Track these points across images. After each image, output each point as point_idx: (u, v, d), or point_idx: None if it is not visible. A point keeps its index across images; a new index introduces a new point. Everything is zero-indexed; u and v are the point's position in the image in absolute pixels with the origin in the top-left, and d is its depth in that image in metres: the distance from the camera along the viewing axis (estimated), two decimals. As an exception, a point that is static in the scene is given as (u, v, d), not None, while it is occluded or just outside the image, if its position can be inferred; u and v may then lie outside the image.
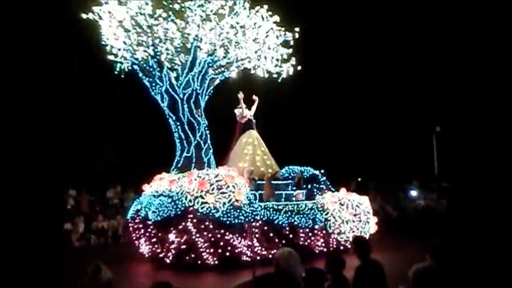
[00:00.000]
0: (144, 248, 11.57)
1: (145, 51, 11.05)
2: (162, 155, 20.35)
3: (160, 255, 10.71)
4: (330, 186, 13.26)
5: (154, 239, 10.86)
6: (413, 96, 24.72)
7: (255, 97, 13.22)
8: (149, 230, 10.93)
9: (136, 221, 11.51)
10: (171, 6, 10.61)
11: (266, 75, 13.56)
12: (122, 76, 12.11)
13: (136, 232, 11.71)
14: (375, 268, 4.97)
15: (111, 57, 11.90)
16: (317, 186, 13.15)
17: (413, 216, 18.36)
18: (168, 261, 10.49)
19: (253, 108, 13.19)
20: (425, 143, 26.33)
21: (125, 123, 20.81)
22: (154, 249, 11.01)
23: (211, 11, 10.80)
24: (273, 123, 17.82)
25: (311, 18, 15.40)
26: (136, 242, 11.99)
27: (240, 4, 11.47)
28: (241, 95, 12.78)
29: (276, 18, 12.53)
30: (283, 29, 12.92)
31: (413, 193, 21.41)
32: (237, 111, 12.84)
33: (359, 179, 23.17)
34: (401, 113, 25.58)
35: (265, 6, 12.31)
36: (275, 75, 13.66)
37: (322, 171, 13.99)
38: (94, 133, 20.29)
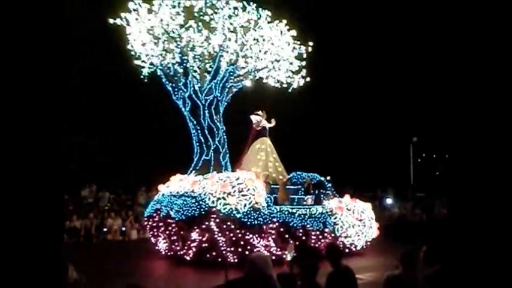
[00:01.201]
0: (162, 246, 12.17)
1: (173, 58, 11.66)
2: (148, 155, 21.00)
3: (181, 253, 11.32)
4: (334, 193, 14.06)
5: (175, 237, 11.46)
6: (391, 107, 25.62)
7: (273, 121, 13.96)
8: (170, 228, 11.53)
9: (156, 219, 12.08)
10: (201, 17, 11.25)
11: (277, 85, 14.30)
12: (146, 80, 12.69)
13: (155, 230, 12.29)
14: (346, 275, 5.04)
15: (137, 62, 12.49)
16: (323, 192, 13.93)
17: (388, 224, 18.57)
18: (188, 258, 11.11)
19: (271, 124, 13.93)
20: (402, 152, 27.06)
21: (122, 124, 21.32)
22: (173, 246, 11.62)
23: (238, 24, 11.50)
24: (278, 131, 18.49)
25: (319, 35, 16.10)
26: (153, 239, 12.58)
27: (263, 18, 12.17)
28: (263, 113, 13.57)
29: (293, 32, 13.27)
30: (298, 42, 13.66)
31: (389, 201, 21.77)
32: (253, 117, 13.51)
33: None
34: (379, 122, 26.23)
35: (284, 21, 13.04)
36: (285, 85, 14.40)
37: (328, 178, 14.80)
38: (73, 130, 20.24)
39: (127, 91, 19.62)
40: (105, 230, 16.83)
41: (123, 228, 17.13)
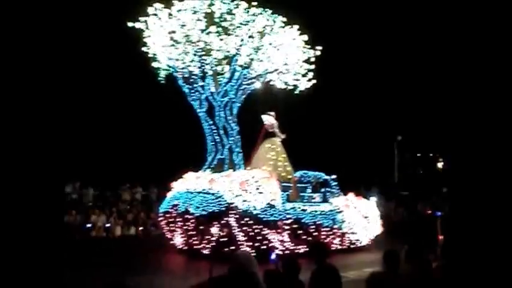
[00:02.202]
0: (178, 240, 12.71)
1: (191, 61, 12.19)
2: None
3: (198, 247, 11.87)
4: (339, 191, 14.74)
5: (193, 232, 12.00)
6: (376, 106, 26.03)
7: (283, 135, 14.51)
8: (188, 223, 12.07)
9: (173, 214, 12.61)
10: (222, 24, 11.80)
11: (284, 87, 14.91)
12: (163, 82, 13.21)
13: (171, 225, 12.82)
14: (330, 273, 5.06)
15: (154, 64, 13.00)
16: (329, 190, 14.59)
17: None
18: (205, 252, 11.67)
19: (283, 136, 14.47)
20: (387, 151, 27.34)
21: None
22: (190, 241, 12.16)
23: (255, 29, 12.08)
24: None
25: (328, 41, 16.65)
26: (168, 234, 13.11)
27: (278, 24, 12.76)
28: (273, 114, 14.13)
29: (305, 37, 13.86)
30: (308, 46, 14.27)
31: (372, 199, 22.18)
32: (264, 117, 14.05)
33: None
34: (363, 121, 26.50)
35: (295, 26, 13.63)
36: (291, 87, 15.01)
37: (334, 176, 15.45)
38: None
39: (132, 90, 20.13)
40: (88, 226, 16.83)
41: (107, 225, 17.18)
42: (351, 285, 6.42)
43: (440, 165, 30.91)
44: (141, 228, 17.78)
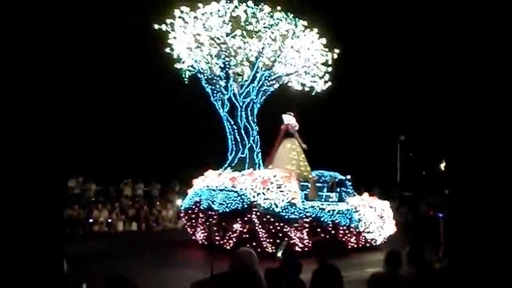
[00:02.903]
0: (199, 235, 13.16)
1: (216, 63, 12.62)
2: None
3: (220, 242, 12.29)
4: (354, 191, 15.13)
5: (216, 228, 12.42)
6: (379, 105, 26.13)
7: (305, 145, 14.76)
8: (211, 219, 12.49)
9: (195, 210, 13.05)
10: (247, 27, 12.22)
11: (300, 88, 15.30)
12: (186, 82, 13.65)
13: (193, 221, 13.27)
14: (331, 272, 5.03)
15: (178, 65, 13.45)
16: (345, 190, 14.99)
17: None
18: (228, 247, 12.09)
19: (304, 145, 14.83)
20: (390, 151, 27.31)
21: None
22: (213, 236, 12.57)
23: (278, 33, 12.50)
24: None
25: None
26: (190, 229, 13.57)
27: (299, 28, 13.16)
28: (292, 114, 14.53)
29: (323, 40, 14.25)
30: (327, 49, 14.65)
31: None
32: (285, 117, 14.41)
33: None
34: (366, 120, 26.50)
35: (315, 30, 14.03)
36: (307, 89, 15.39)
37: (349, 176, 15.83)
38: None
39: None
40: (90, 221, 17.08)
41: (109, 220, 17.34)
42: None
43: (442, 166, 30.89)
44: (143, 224, 18.05)
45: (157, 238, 16.14)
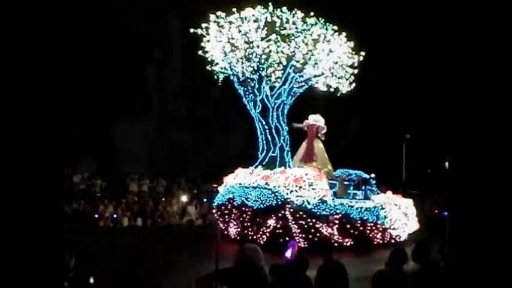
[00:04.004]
0: (232, 230, 13.78)
1: (250, 66, 13.21)
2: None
3: (254, 237, 12.90)
4: (378, 189, 15.66)
5: (249, 223, 13.05)
6: (385, 104, 26.46)
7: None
8: (244, 215, 13.11)
9: (229, 207, 13.67)
10: (281, 32, 12.80)
11: (325, 89, 15.82)
12: (220, 84, 14.28)
13: (226, 216, 13.89)
14: (336, 268, 5.12)
15: (213, 68, 14.07)
16: (369, 188, 15.54)
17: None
18: (261, 242, 12.69)
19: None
20: (395, 149, 27.55)
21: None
22: (246, 231, 13.20)
23: (310, 37, 13.06)
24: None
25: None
26: (223, 224, 14.19)
27: (330, 32, 13.69)
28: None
29: (351, 44, 14.75)
30: (353, 52, 15.15)
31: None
32: (317, 118, 14.97)
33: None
34: (372, 119, 27.02)
35: (343, 33, 14.53)
36: (332, 90, 15.90)
37: (373, 175, 16.36)
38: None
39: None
40: (96, 216, 17.24)
41: (115, 216, 17.36)
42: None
43: (447, 164, 30.79)
44: (148, 219, 18.11)
45: (161, 234, 16.08)
